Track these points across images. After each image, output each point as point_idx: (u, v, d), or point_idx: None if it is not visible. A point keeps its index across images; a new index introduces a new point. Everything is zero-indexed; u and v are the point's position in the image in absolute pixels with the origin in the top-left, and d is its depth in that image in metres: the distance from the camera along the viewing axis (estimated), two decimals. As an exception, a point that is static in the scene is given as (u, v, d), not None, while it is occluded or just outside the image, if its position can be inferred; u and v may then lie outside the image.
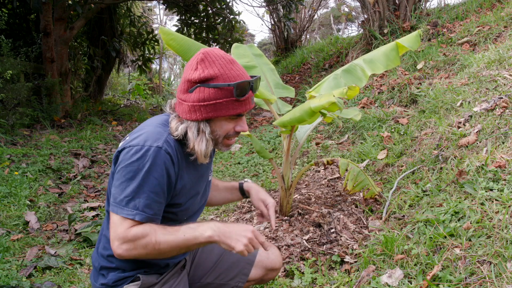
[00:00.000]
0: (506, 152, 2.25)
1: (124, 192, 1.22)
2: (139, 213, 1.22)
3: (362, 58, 2.58)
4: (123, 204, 1.22)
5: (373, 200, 2.71)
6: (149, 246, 1.21)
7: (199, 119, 1.27)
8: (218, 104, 1.25)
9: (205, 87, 1.24)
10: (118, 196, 1.23)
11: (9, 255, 2.57)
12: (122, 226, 1.21)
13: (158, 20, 17.82)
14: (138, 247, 1.21)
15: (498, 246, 1.69)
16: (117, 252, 1.21)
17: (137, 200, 1.22)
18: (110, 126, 6.54)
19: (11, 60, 5.29)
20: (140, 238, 1.20)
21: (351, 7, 10.84)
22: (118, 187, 1.24)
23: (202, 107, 1.26)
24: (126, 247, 1.20)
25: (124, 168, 1.23)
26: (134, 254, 1.22)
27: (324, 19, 17.32)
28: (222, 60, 1.27)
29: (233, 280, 1.63)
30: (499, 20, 4.32)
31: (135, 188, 1.21)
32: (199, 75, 1.24)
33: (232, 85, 1.24)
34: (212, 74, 1.24)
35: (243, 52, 2.90)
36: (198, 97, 1.25)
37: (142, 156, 1.22)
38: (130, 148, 1.24)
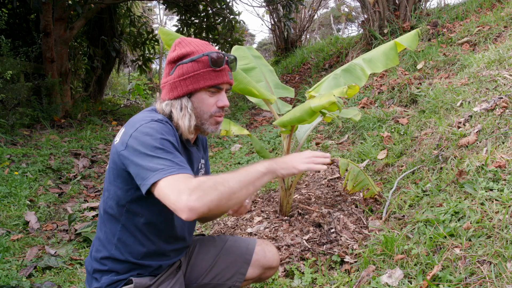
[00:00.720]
0: (506, 152, 2.25)
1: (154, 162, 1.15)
2: (180, 168, 1.14)
3: (361, 58, 2.58)
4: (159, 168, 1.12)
5: (373, 200, 2.71)
6: (218, 186, 1.09)
7: (181, 95, 1.34)
8: (196, 75, 1.33)
9: (184, 63, 1.33)
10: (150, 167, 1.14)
11: (9, 255, 2.57)
12: (177, 184, 1.09)
13: (158, 20, 17.82)
14: (207, 191, 1.07)
15: (498, 246, 1.69)
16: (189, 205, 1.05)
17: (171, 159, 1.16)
18: (110, 126, 6.54)
19: (11, 60, 5.28)
20: (205, 181, 1.10)
21: (351, 7, 10.84)
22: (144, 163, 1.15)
23: (182, 81, 1.33)
24: (196, 196, 1.06)
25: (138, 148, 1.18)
26: (207, 200, 1.06)
27: (324, 19, 17.32)
28: (197, 41, 1.39)
29: (230, 280, 1.62)
30: (499, 20, 4.32)
31: (160, 153, 1.16)
32: (177, 53, 1.34)
33: (206, 54, 1.33)
34: (189, 50, 1.34)
35: (243, 54, 2.91)
36: (178, 73, 1.34)
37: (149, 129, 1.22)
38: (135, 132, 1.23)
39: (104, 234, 1.38)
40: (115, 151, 1.30)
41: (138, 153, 1.18)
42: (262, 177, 1.21)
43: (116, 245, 1.36)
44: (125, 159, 1.22)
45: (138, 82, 12.47)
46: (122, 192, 1.32)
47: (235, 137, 5.19)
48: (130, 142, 1.22)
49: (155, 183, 1.12)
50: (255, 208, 2.95)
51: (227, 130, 2.47)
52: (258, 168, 1.21)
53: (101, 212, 1.41)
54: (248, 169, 1.20)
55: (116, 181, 1.32)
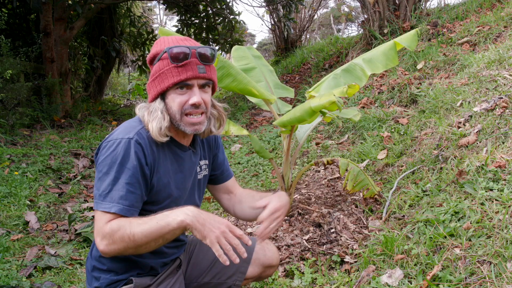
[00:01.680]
0: (506, 152, 2.25)
1: (101, 187, 1.24)
2: (114, 205, 1.22)
3: (361, 58, 2.58)
4: (101, 199, 1.23)
5: (373, 200, 2.71)
6: (125, 238, 1.18)
7: (154, 97, 1.31)
8: (161, 74, 1.27)
9: (154, 64, 1.30)
10: (97, 192, 1.25)
11: (9, 255, 2.57)
12: (101, 221, 1.22)
13: (158, 20, 17.83)
14: (116, 241, 1.18)
15: (498, 246, 1.69)
16: (99, 248, 1.21)
17: (113, 192, 1.23)
18: (110, 126, 6.54)
19: (11, 60, 5.28)
20: (116, 231, 1.18)
21: (351, 7, 10.83)
22: (96, 183, 1.27)
23: (152, 83, 1.31)
24: (105, 242, 1.20)
25: (100, 164, 1.26)
26: (114, 248, 1.19)
27: (324, 19, 17.31)
28: (171, 38, 1.30)
29: (231, 279, 1.63)
30: (499, 20, 4.32)
31: (110, 181, 1.23)
32: (150, 54, 1.32)
33: (165, 50, 1.26)
34: (158, 50, 1.29)
35: (243, 54, 2.91)
36: (150, 74, 1.32)
37: (114, 149, 1.25)
38: (105, 144, 1.29)
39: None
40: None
41: (97, 170, 1.28)
42: (173, 231, 1.19)
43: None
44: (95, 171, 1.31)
45: (138, 82, 12.46)
46: None
47: (235, 137, 5.19)
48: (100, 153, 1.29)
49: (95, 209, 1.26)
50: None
51: (226, 130, 2.47)
52: (171, 223, 1.17)
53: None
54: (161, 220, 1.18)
55: None
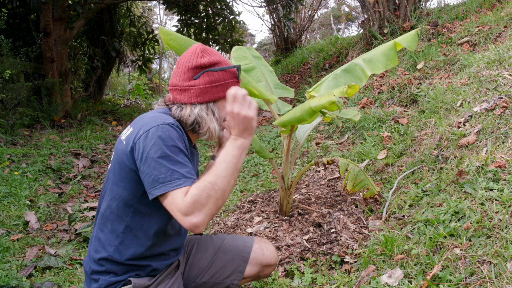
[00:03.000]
0: (506, 152, 2.25)
1: (162, 170, 1.21)
2: (186, 180, 1.21)
3: (361, 58, 2.58)
4: (167, 180, 1.20)
5: (373, 200, 2.71)
6: (210, 193, 1.19)
7: (211, 100, 1.38)
8: (225, 84, 1.39)
9: (213, 71, 1.37)
10: (159, 176, 1.21)
11: (9, 255, 2.57)
12: (178, 199, 1.18)
13: (158, 20, 17.83)
14: (204, 203, 1.18)
15: (498, 246, 1.69)
16: (192, 222, 1.17)
17: (179, 170, 1.22)
18: (110, 126, 6.54)
19: (11, 60, 5.28)
20: (198, 194, 1.18)
21: (351, 7, 10.83)
22: (153, 170, 1.22)
23: (213, 87, 1.37)
24: (196, 213, 1.17)
25: (150, 151, 1.23)
26: (206, 211, 1.18)
27: (324, 19, 17.32)
28: (216, 51, 1.46)
29: (229, 278, 1.63)
30: (499, 20, 4.32)
31: (169, 162, 1.22)
32: (208, 60, 1.37)
33: (236, 66, 1.42)
34: (217, 59, 1.39)
35: (243, 54, 2.91)
36: (208, 79, 1.37)
37: (162, 133, 1.25)
38: (146, 133, 1.26)
39: (105, 235, 1.38)
40: (123, 151, 1.32)
41: (148, 158, 1.23)
42: (240, 158, 1.29)
43: (117, 246, 1.36)
44: (136, 161, 1.27)
45: (138, 82, 12.48)
46: (130, 193, 1.33)
47: (235, 137, 5.18)
48: (141, 144, 1.26)
49: (162, 195, 1.21)
50: (255, 208, 2.95)
51: (227, 130, 2.47)
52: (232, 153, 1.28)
53: (102, 213, 1.40)
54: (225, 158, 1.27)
55: (123, 181, 1.33)
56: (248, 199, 3.15)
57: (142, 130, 1.28)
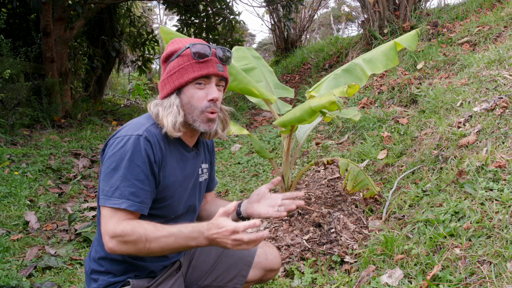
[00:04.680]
0: (506, 152, 2.25)
1: (109, 183, 1.23)
2: (125, 201, 1.22)
3: (361, 58, 2.58)
4: (109, 195, 1.22)
5: (373, 200, 2.71)
6: (139, 243, 1.19)
7: (170, 92, 1.32)
8: (181, 69, 1.30)
9: (171, 61, 1.33)
10: (104, 188, 1.24)
11: (9, 255, 2.57)
12: (111, 220, 1.21)
13: (158, 20, 17.84)
14: (128, 243, 1.20)
15: (498, 246, 1.69)
16: (107, 246, 1.21)
17: (123, 188, 1.22)
18: (110, 126, 6.54)
19: (11, 60, 5.28)
20: (129, 234, 1.19)
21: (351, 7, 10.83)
22: (103, 179, 1.26)
23: (169, 77, 1.32)
24: (115, 242, 1.20)
25: (108, 160, 1.26)
26: (124, 250, 1.21)
27: (324, 19, 17.32)
28: (189, 39, 1.38)
29: (232, 282, 1.62)
30: (499, 20, 4.32)
31: (119, 177, 1.23)
32: (166, 52, 1.35)
33: (188, 46, 1.31)
34: (176, 47, 1.34)
35: (243, 54, 2.91)
36: (166, 71, 1.34)
37: (123, 145, 1.25)
38: (113, 140, 1.28)
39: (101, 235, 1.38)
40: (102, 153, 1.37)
41: (104, 166, 1.27)
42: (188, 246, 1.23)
43: None
44: (102, 167, 1.29)
45: (138, 82, 12.47)
46: None
47: (235, 137, 5.19)
48: (107, 149, 1.29)
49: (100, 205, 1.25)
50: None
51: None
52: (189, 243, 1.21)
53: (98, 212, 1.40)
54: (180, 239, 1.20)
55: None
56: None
57: (116, 135, 1.30)
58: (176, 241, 1.20)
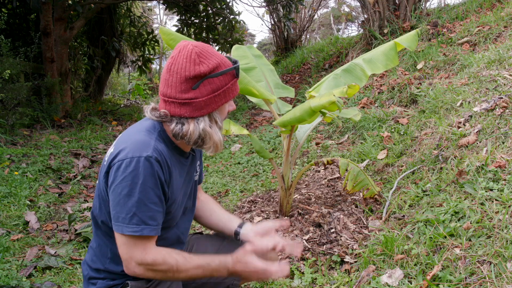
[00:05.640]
0: (506, 152, 2.25)
1: (124, 209, 1.19)
2: (145, 227, 1.20)
3: (361, 58, 2.58)
4: (126, 222, 1.19)
5: (373, 200, 2.71)
6: (168, 272, 1.24)
7: (214, 110, 1.28)
8: (227, 89, 1.28)
9: (213, 77, 1.24)
10: (119, 215, 1.20)
11: (9, 255, 2.57)
12: (136, 248, 1.20)
13: (158, 20, 17.84)
14: (157, 271, 1.23)
15: (498, 246, 1.69)
16: (132, 270, 1.22)
17: (140, 214, 1.19)
18: (110, 126, 6.54)
19: (10, 60, 5.28)
20: (161, 264, 1.22)
21: (351, 7, 10.83)
22: (117, 205, 1.20)
23: (216, 96, 1.26)
24: (144, 269, 1.22)
25: (118, 185, 1.19)
26: (150, 275, 1.24)
27: (324, 19, 17.31)
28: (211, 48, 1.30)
29: (229, 278, 1.61)
30: (499, 20, 4.32)
31: (134, 203, 1.18)
32: (207, 67, 1.23)
33: (235, 66, 1.29)
34: (216, 63, 1.25)
35: (243, 54, 2.91)
36: (210, 89, 1.24)
37: (134, 169, 1.18)
38: (119, 163, 1.20)
39: (98, 246, 1.37)
40: (101, 172, 1.29)
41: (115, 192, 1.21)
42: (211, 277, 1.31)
43: (112, 259, 1.35)
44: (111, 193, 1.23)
45: (138, 82, 12.47)
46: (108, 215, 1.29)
47: (235, 137, 5.19)
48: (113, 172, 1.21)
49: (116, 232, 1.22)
50: (255, 208, 2.95)
51: (226, 129, 2.47)
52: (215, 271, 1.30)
53: (93, 223, 1.39)
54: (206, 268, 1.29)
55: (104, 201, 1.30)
56: (248, 199, 3.15)
57: (120, 155, 1.21)
58: (203, 273, 1.28)
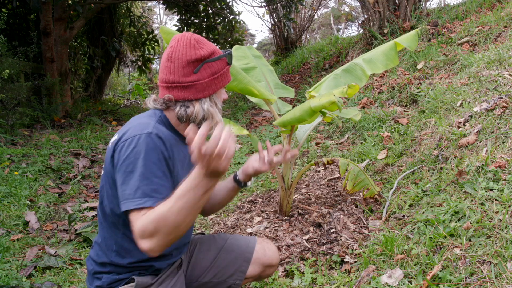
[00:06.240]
0: (506, 152, 2.25)
1: (129, 186, 1.18)
2: (148, 199, 1.15)
3: (361, 58, 2.58)
4: (131, 197, 1.17)
5: (373, 200, 2.71)
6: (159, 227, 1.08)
7: (214, 92, 1.37)
8: (223, 73, 1.38)
9: (211, 61, 1.34)
10: (124, 192, 1.18)
11: (9, 255, 2.57)
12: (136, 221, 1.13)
13: (158, 20, 17.84)
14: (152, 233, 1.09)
15: (498, 246, 1.69)
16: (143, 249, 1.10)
17: (144, 187, 1.17)
18: (110, 126, 6.54)
19: (10, 60, 5.28)
20: (145, 225, 1.09)
21: (351, 7, 10.83)
22: (122, 184, 1.20)
23: (216, 79, 1.36)
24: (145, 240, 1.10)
25: (122, 164, 1.21)
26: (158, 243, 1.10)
27: (324, 19, 17.32)
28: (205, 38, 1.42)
29: (231, 278, 1.63)
30: (499, 20, 4.32)
31: (137, 177, 1.18)
32: (206, 51, 1.33)
33: (229, 52, 1.40)
34: (212, 49, 1.36)
35: (243, 54, 2.91)
36: (210, 71, 1.34)
37: (135, 146, 1.21)
38: (122, 144, 1.24)
39: (104, 240, 1.37)
40: (107, 157, 1.31)
41: (121, 170, 1.21)
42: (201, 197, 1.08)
43: (118, 252, 1.35)
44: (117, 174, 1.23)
45: (138, 82, 12.48)
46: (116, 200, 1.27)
47: (235, 137, 5.19)
48: (117, 153, 1.24)
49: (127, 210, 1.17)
50: (255, 208, 2.95)
51: (227, 130, 2.47)
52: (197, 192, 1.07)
53: (100, 217, 1.40)
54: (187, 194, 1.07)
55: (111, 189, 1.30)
56: (248, 199, 3.15)
57: (123, 137, 1.25)
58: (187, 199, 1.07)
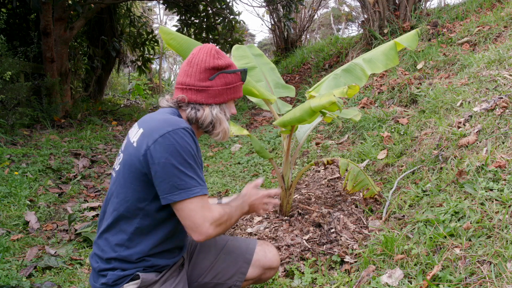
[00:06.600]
0: (506, 152, 2.25)
1: (181, 177, 1.27)
2: (203, 188, 1.30)
3: (361, 58, 2.58)
4: (187, 187, 1.27)
5: (373, 200, 2.71)
6: (227, 223, 1.36)
7: (225, 101, 1.47)
8: (237, 86, 1.48)
9: (227, 73, 1.44)
10: (178, 183, 1.26)
11: (9, 255, 2.57)
12: (204, 209, 1.29)
13: (158, 20, 17.83)
14: (221, 224, 1.33)
15: (498, 246, 1.69)
16: (208, 233, 1.29)
17: (194, 177, 1.29)
18: (110, 126, 6.54)
19: (10, 60, 5.28)
20: (223, 215, 1.34)
21: (351, 7, 10.83)
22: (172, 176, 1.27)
23: (228, 90, 1.46)
24: (213, 227, 1.30)
25: (167, 158, 1.26)
26: (219, 231, 1.34)
27: (324, 19, 17.32)
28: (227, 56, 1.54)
29: (231, 279, 1.63)
30: (499, 20, 4.32)
31: (186, 169, 1.28)
32: (223, 62, 1.44)
33: (245, 69, 1.51)
34: (229, 62, 1.47)
35: (243, 54, 2.91)
36: (224, 81, 1.44)
37: (178, 139, 1.28)
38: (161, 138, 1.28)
39: (113, 235, 1.39)
40: (134, 154, 1.33)
41: (166, 164, 1.27)
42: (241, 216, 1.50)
43: (126, 247, 1.37)
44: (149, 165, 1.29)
45: (138, 82, 12.48)
46: (140, 196, 1.34)
47: (235, 137, 5.19)
48: (157, 149, 1.28)
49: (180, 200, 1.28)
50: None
51: (227, 130, 2.47)
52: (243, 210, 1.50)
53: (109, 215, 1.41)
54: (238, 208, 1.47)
55: (133, 184, 1.34)
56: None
57: (156, 133, 1.29)
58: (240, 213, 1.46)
